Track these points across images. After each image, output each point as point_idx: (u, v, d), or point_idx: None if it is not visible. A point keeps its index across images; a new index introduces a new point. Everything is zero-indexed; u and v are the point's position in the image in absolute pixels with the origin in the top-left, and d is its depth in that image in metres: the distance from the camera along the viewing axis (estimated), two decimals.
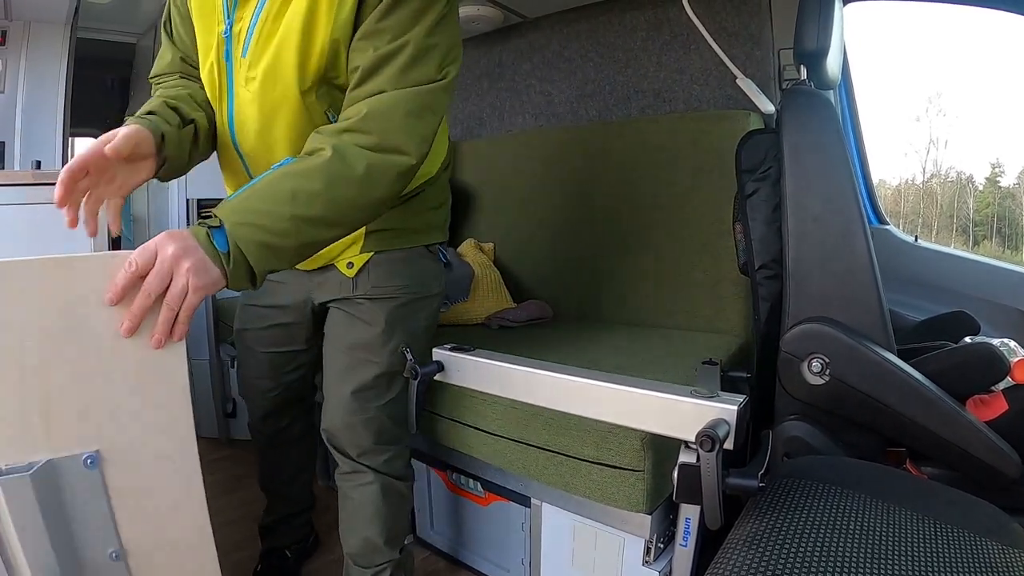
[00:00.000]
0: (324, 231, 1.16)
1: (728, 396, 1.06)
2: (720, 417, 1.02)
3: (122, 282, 0.91)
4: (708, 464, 0.99)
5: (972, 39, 2.13)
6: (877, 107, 2.35)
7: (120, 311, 0.92)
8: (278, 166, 1.14)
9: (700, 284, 2.09)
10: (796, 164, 1.51)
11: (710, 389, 1.09)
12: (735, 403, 1.03)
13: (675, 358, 1.72)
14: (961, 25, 2.07)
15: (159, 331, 0.95)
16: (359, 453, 1.54)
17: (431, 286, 1.62)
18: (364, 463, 1.55)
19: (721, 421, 1.01)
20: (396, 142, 1.18)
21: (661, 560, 1.53)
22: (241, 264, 1.04)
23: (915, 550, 0.96)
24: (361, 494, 1.57)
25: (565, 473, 1.54)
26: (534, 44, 2.89)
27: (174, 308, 0.96)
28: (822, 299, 1.47)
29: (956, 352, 1.52)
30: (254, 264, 1.05)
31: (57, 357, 0.87)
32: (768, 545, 0.94)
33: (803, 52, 1.55)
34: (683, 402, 1.06)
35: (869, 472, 1.26)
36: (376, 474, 1.56)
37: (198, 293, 0.97)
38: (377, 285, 1.51)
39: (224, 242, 1.03)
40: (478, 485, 1.92)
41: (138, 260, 0.93)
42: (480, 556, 2.04)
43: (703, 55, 2.34)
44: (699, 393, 1.07)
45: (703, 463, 0.99)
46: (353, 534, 1.61)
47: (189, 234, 0.99)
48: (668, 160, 2.19)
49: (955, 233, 2.93)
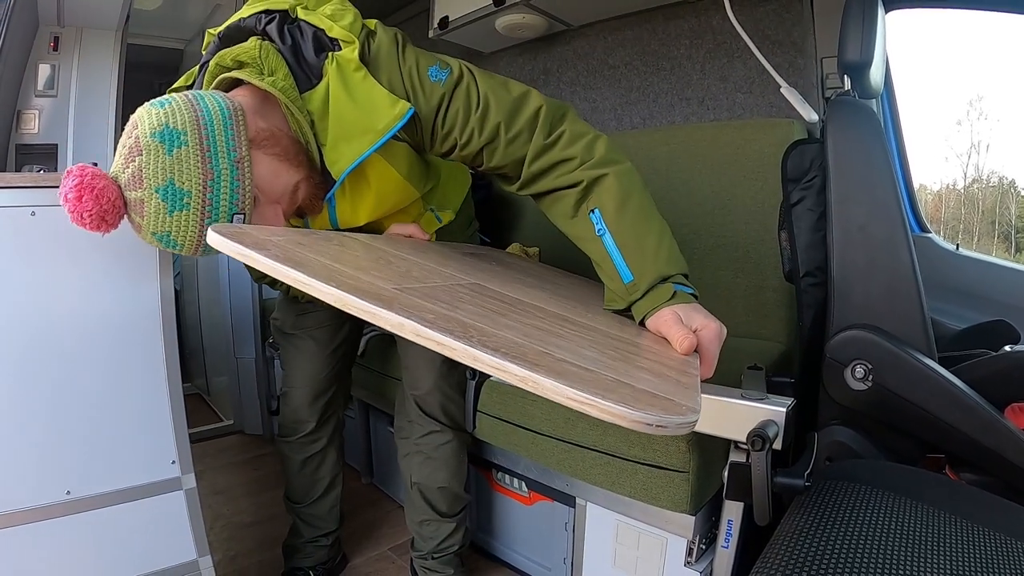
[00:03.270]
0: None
1: (776, 399, 1.09)
2: (770, 419, 1.06)
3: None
4: (758, 463, 1.03)
5: (1014, 41, 2.12)
6: (918, 111, 2.34)
7: None
8: (607, 233, 1.26)
9: (743, 291, 2.09)
10: (841, 174, 1.53)
11: (759, 393, 1.12)
12: (784, 405, 1.06)
13: (719, 363, 1.72)
14: (1003, 27, 2.05)
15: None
16: (446, 414, 1.79)
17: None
18: (446, 423, 1.79)
19: (770, 422, 1.05)
20: (593, 154, 1.33)
21: (702, 561, 1.54)
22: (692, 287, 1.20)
23: (953, 551, 0.99)
24: (443, 452, 1.82)
25: (611, 473, 1.58)
26: (578, 52, 2.92)
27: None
28: (866, 306, 1.49)
29: (996, 360, 1.52)
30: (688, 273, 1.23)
31: None
32: (812, 543, 0.97)
33: (847, 63, 1.56)
34: (734, 404, 1.10)
35: (909, 476, 1.28)
36: (454, 431, 1.81)
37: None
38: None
39: (683, 287, 1.18)
40: (523, 484, 1.95)
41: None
42: (522, 555, 2.07)
43: (746, 63, 2.35)
44: (750, 396, 1.10)
45: (753, 462, 1.03)
46: (434, 489, 1.83)
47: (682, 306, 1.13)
48: (712, 168, 2.19)
49: (997, 239, 2.89)
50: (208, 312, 3.67)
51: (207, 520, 1.64)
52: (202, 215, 1.11)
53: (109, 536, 1.50)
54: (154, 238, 1.12)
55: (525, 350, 0.68)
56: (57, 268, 1.44)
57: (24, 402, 1.41)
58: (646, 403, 0.61)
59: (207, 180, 1.11)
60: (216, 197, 1.12)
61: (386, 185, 1.40)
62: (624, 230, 1.24)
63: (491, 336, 0.70)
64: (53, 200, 1.42)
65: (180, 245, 1.14)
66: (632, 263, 1.21)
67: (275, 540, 2.17)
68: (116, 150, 1.12)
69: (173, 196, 1.08)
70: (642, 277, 1.19)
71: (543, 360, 0.66)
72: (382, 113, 1.26)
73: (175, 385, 1.57)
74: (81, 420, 1.47)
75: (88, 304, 1.47)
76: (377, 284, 0.81)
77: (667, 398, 0.64)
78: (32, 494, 1.42)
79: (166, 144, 1.08)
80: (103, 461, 1.50)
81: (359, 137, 1.27)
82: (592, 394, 0.59)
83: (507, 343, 0.68)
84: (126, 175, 1.08)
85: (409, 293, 0.80)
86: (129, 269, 1.52)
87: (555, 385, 0.60)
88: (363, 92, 1.27)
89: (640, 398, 0.62)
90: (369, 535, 2.37)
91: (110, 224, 1.09)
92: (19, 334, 1.40)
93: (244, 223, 1.13)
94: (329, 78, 1.26)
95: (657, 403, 0.62)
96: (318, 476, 1.99)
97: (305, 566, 2.01)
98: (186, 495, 1.59)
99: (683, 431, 0.61)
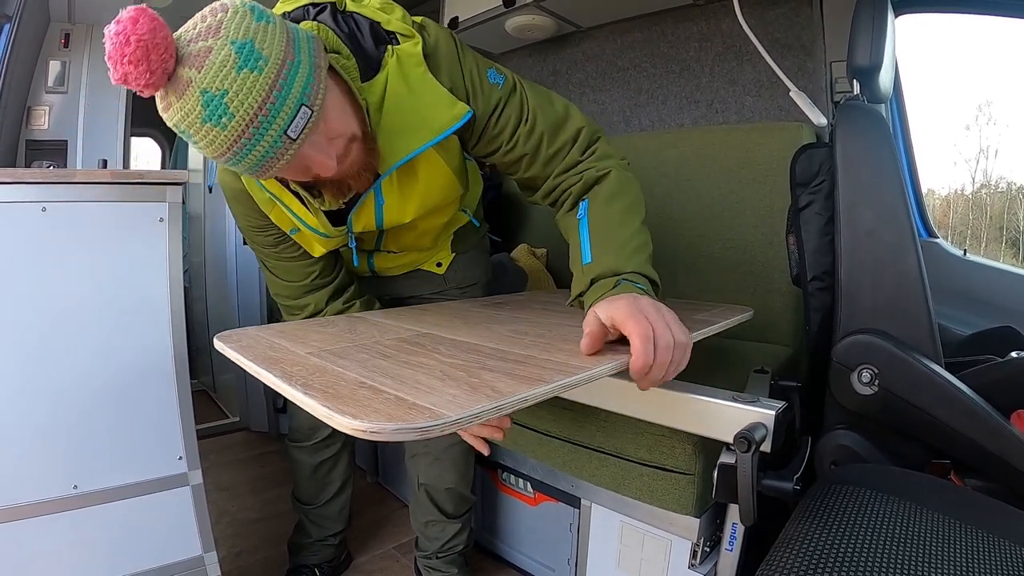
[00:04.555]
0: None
1: (768, 401, 1.09)
2: (759, 421, 1.06)
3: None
4: (744, 464, 1.03)
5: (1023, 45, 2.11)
6: (926, 116, 2.33)
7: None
8: (585, 222, 1.31)
9: (750, 294, 2.09)
10: (849, 178, 1.53)
11: (751, 395, 1.12)
12: (773, 408, 1.06)
13: (725, 367, 1.74)
14: (1012, 31, 2.05)
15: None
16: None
17: (489, 276, 1.95)
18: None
19: (759, 425, 1.05)
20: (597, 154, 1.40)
21: (706, 563, 1.55)
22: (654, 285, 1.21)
23: (958, 557, 0.99)
24: (451, 453, 1.83)
25: (617, 474, 1.58)
26: (588, 53, 2.93)
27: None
28: (873, 311, 1.49)
29: (1002, 366, 1.53)
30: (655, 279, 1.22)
31: None
32: (816, 546, 0.97)
33: (857, 68, 1.56)
34: (725, 406, 1.10)
35: (914, 481, 1.28)
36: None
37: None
38: (466, 275, 1.83)
39: (640, 283, 1.16)
40: (528, 485, 1.96)
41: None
42: (526, 555, 2.07)
43: (755, 66, 2.36)
44: (741, 398, 1.10)
45: (739, 463, 1.04)
46: (441, 490, 1.86)
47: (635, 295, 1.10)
48: (720, 171, 2.19)
49: (1005, 245, 2.89)
50: (216, 309, 3.69)
51: (212, 516, 1.65)
52: (271, 87, 0.97)
53: (115, 531, 1.52)
54: (200, 100, 0.95)
55: (337, 384, 0.83)
56: (67, 264, 1.45)
57: (32, 397, 1.42)
58: (386, 414, 0.71)
59: (287, 60, 0.99)
60: (291, 79, 1.00)
61: (436, 179, 1.39)
62: (600, 218, 1.29)
63: (328, 375, 0.87)
64: (63, 196, 1.43)
65: (227, 116, 0.96)
66: (595, 247, 1.26)
67: (280, 537, 2.18)
68: (125, 148, 1.09)
69: (249, 54, 0.95)
70: (598, 263, 1.22)
71: (335, 390, 0.80)
72: (441, 111, 1.27)
73: (183, 382, 1.59)
74: (89, 415, 1.48)
75: (97, 300, 1.48)
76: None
77: (428, 407, 0.72)
78: (39, 488, 1.43)
79: (254, 13, 0.99)
80: (110, 456, 1.51)
81: (414, 132, 1.26)
82: (332, 410, 0.73)
83: (330, 383, 0.83)
84: (199, 28, 0.96)
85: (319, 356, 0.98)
86: (138, 266, 1.53)
87: (315, 405, 0.75)
88: (424, 88, 1.26)
89: (387, 411, 0.72)
90: (374, 533, 2.37)
91: (152, 68, 0.92)
92: (28, 329, 1.42)
93: (307, 124, 1.02)
94: (389, 71, 1.24)
95: (397, 413, 0.71)
96: (330, 479, 1.99)
97: (310, 563, 2.02)
98: (192, 491, 1.60)
99: (400, 437, 0.69)
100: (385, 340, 1.10)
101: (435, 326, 1.22)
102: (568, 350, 1.01)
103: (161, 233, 1.55)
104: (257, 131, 0.97)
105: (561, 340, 1.09)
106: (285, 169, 1.08)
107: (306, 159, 1.09)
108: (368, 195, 1.34)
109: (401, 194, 1.38)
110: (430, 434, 0.69)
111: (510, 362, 0.93)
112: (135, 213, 1.53)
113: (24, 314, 1.40)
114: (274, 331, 1.18)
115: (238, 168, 1.05)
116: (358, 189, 1.28)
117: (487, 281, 1.92)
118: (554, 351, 1.00)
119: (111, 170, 1.55)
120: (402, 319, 1.31)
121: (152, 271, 1.54)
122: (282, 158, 1.03)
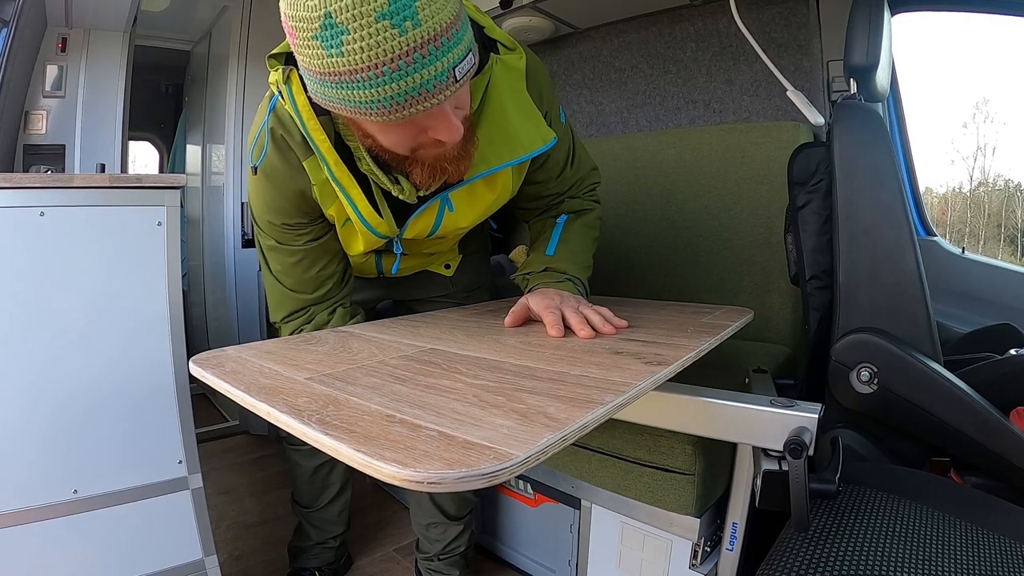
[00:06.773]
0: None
1: (806, 405, 1.06)
2: (803, 425, 1.04)
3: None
4: (797, 471, 1.00)
5: (1020, 43, 2.11)
6: (924, 114, 2.33)
7: None
8: (560, 227, 1.55)
9: (748, 294, 2.09)
10: (847, 178, 1.53)
11: (787, 400, 1.10)
12: (814, 411, 1.04)
13: (724, 366, 1.71)
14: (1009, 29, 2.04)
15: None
16: None
17: (492, 278, 1.98)
18: None
19: (804, 429, 1.03)
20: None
21: (707, 563, 1.55)
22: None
23: (957, 554, 0.99)
24: None
25: (616, 475, 1.59)
26: (584, 54, 2.92)
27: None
28: (872, 310, 1.49)
29: (1001, 364, 1.53)
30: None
31: None
32: (817, 546, 0.97)
33: (853, 67, 1.57)
34: (764, 412, 1.07)
35: (914, 479, 1.28)
36: None
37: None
38: (473, 279, 1.84)
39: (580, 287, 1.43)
40: (528, 486, 1.96)
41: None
42: (526, 556, 2.07)
43: (752, 66, 2.35)
44: (779, 403, 1.08)
45: (792, 470, 1.00)
46: (443, 492, 1.80)
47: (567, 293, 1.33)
48: (718, 171, 2.19)
49: (1003, 243, 2.88)
50: (215, 313, 3.69)
51: (212, 520, 1.65)
52: (456, 16, 0.90)
53: (115, 535, 1.51)
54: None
55: (361, 419, 0.71)
56: (65, 268, 1.45)
57: (32, 402, 1.42)
58: (440, 457, 0.59)
59: (461, 10, 0.94)
60: (465, 22, 0.95)
61: (502, 195, 1.39)
62: (573, 235, 1.54)
63: (345, 408, 0.75)
64: (61, 200, 1.43)
65: (411, 21, 0.84)
66: (560, 248, 1.50)
67: (280, 540, 2.19)
68: (123, 152, 1.08)
69: None
70: (559, 259, 1.46)
71: (361, 427, 0.68)
72: (533, 131, 1.28)
73: (182, 385, 1.58)
74: (88, 420, 1.48)
75: (96, 305, 1.48)
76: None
77: (487, 445, 0.61)
78: (39, 493, 1.43)
79: None
80: (110, 460, 1.51)
81: (506, 144, 1.24)
82: (370, 456, 0.60)
83: (351, 418, 0.71)
84: None
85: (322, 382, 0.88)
86: (137, 270, 1.53)
87: (347, 450, 0.63)
88: (523, 104, 1.26)
89: (439, 454, 0.60)
90: (374, 536, 2.37)
91: None
92: (27, 334, 1.41)
93: (467, 72, 0.95)
94: (493, 78, 1.20)
95: (453, 456, 0.59)
96: (329, 482, 1.98)
97: (311, 566, 2.02)
98: (192, 495, 1.60)
99: (465, 486, 0.56)
100: (390, 359, 1.01)
101: (436, 340, 1.16)
102: (597, 363, 0.94)
103: (160, 237, 1.55)
104: (433, 52, 0.87)
105: (582, 352, 1.03)
106: (417, 117, 0.95)
107: (439, 117, 0.98)
108: (434, 201, 1.30)
109: (470, 204, 1.36)
110: (498, 479, 0.58)
111: (546, 381, 0.85)
112: (134, 217, 1.53)
113: (23, 318, 1.40)
114: (258, 352, 1.11)
115: (372, 91, 0.89)
116: (449, 178, 1.17)
117: (491, 284, 1.93)
118: (584, 365, 0.93)
119: (109, 174, 1.55)
120: (396, 333, 1.24)
121: (151, 275, 1.54)
122: (434, 97, 0.92)
